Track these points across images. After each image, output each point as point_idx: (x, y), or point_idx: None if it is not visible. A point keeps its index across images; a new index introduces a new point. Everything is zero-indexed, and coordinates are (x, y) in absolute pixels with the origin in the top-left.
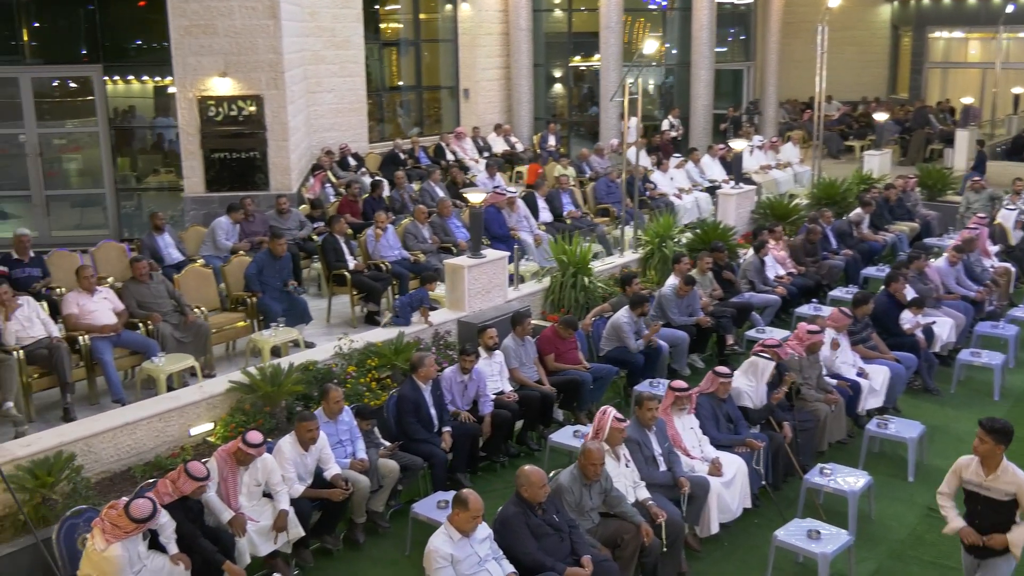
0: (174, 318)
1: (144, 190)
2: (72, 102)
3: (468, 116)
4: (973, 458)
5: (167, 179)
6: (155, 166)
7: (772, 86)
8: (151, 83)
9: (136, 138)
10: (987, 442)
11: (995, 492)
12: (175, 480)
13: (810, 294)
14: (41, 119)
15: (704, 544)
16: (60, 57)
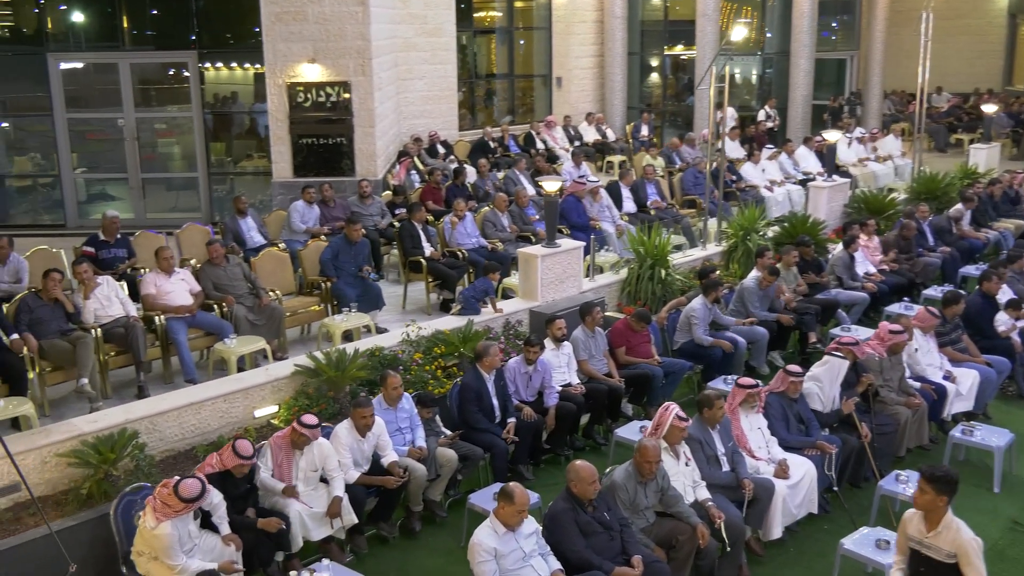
0: (249, 300)
1: (236, 175)
2: (168, 88)
3: (561, 105)
4: (918, 511)
5: (260, 164)
6: (249, 151)
7: (877, 76)
8: (252, 70)
9: (232, 124)
10: (927, 492)
11: (936, 551)
12: (222, 454)
13: (902, 292)
14: (139, 104)
15: (768, 549)
16: (158, 44)
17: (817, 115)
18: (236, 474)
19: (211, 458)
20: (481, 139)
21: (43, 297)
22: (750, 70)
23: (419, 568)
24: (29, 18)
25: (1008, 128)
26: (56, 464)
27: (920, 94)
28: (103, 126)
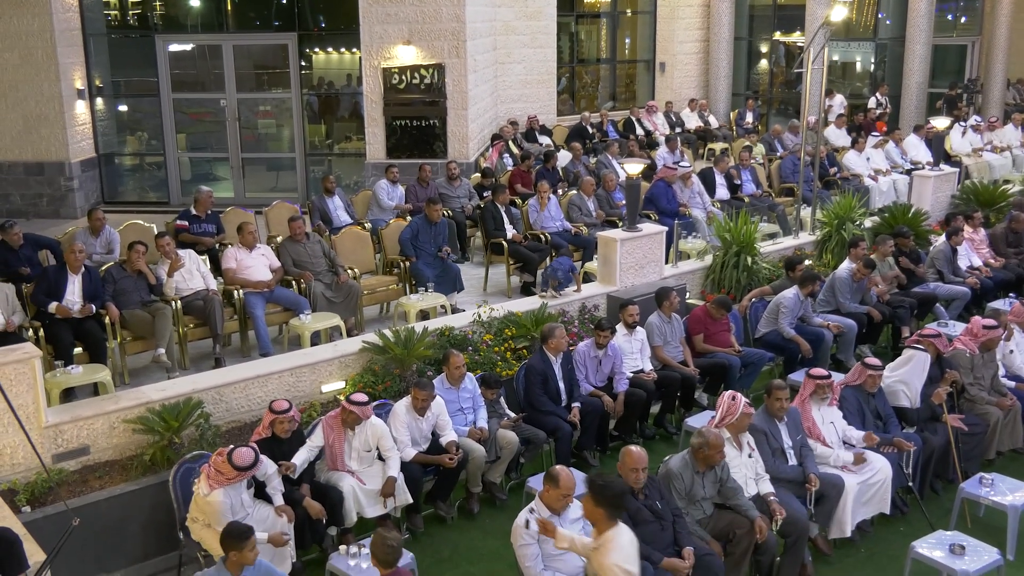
0: (327, 278)
1: (334, 155)
2: (270, 71)
3: (663, 90)
4: None
5: (359, 146)
6: (348, 133)
7: (1000, 63)
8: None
9: (333, 106)
10: (587, 500)
11: (589, 566)
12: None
13: (1009, 288)
14: (240, 87)
15: (837, 548)
16: (259, 27)
17: (933, 103)
18: (280, 434)
19: (257, 430)
20: (579, 124)
21: (127, 268)
22: (863, 56)
23: (473, 549)
24: (139, 2)
25: None
26: (123, 430)
27: None
28: (207, 107)
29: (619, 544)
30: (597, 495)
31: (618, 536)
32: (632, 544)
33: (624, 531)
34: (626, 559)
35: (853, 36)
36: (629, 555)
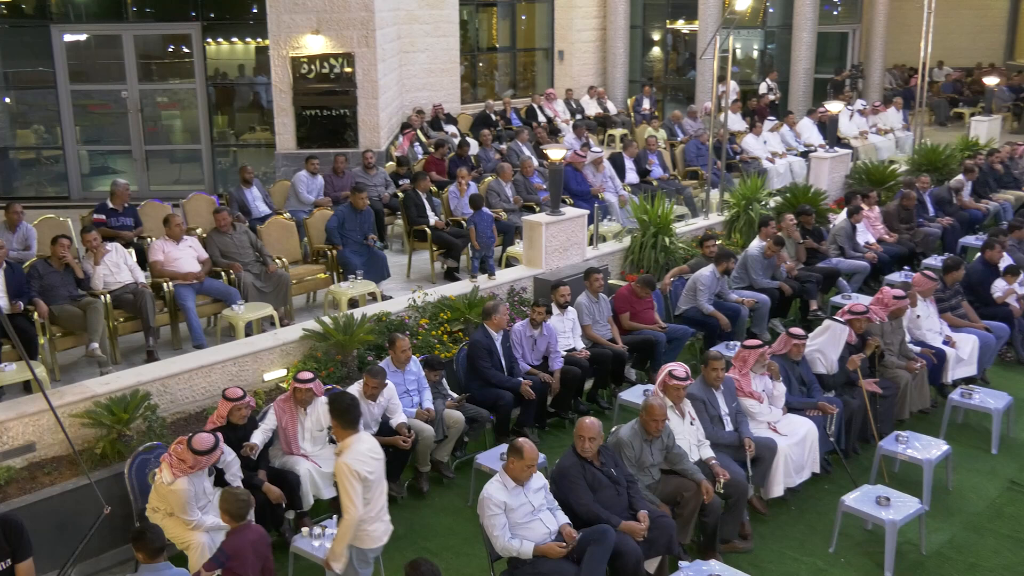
0: (256, 268)
1: (240, 147)
2: (172, 61)
3: (562, 78)
4: None
5: (263, 136)
6: (252, 124)
7: (879, 50)
8: (253, 43)
9: (235, 96)
10: (333, 423)
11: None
12: (218, 407)
13: (903, 262)
14: (142, 77)
15: (771, 507)
16: (161, 16)
17: (819, 88)
18: (236, 421)
19: (211, 418)
20: (483, 112)
21: (53, 263)
22: (752, 44)
23: (426, 527)
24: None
25: (1009, 101)
26: (70, 425)
27: (923, 68)
28: (106, 99)
29: (355, 448)
30: (331, 409)
31: (356, 442)
32: (371, 452)
33: (364, 439)
34: (356, 459)
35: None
36: (362, 458)
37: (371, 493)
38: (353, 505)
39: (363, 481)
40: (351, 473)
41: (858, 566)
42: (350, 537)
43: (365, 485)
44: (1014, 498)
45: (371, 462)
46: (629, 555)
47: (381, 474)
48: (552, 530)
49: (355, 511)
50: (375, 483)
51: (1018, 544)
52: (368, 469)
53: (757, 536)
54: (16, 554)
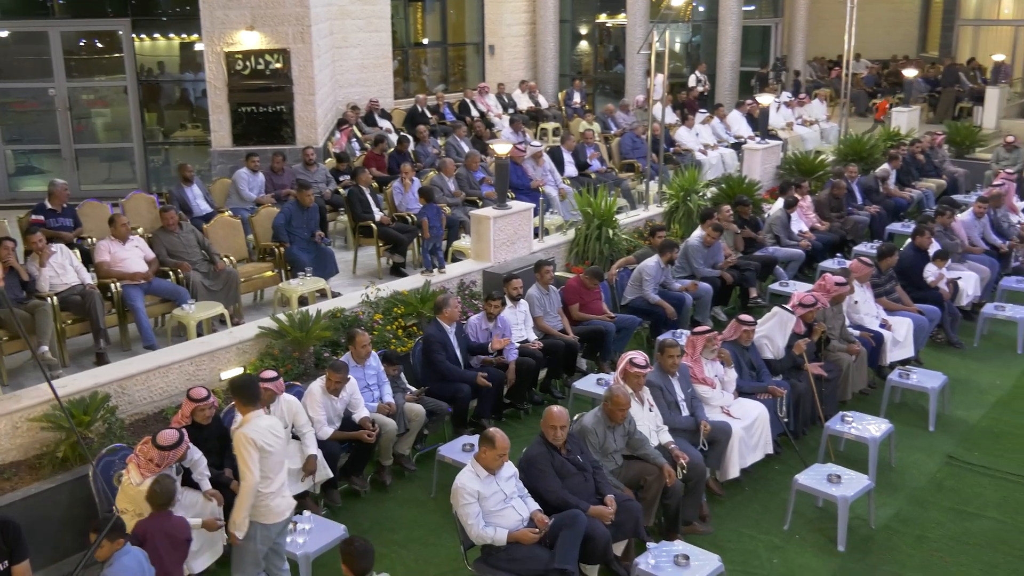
0: (204, 267)
1: (171, 144)
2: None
3: (493, 72)
4: None
5: (194, 134)
6: (182, 121)
7: (800, 43)
8: (184, 40)
9: (163, 94)
10: (236, 403)
11: None
12: (182, 407)
13: (835, 249)
14: (70, 74)
15: (726, 488)
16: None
17: (744, 81)
18: (200, 421)
19: (175, 418)
20: (414, 107)
21: None
22: (676, 37)
23: (391, 519)
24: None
25: (925, 92)
26: (28, 429)
27: (846, 60)
28: (32, 96)
29: (254, 423)
30: (231, 387)
31: (256, 417)
32: (270, 428)
33: (264, 416)
34: (253, 430)
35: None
36: (259, 430)
37: (269, 468)
38: (249, 471)
39: (260, 450)
40: (248, 441)
41: (812, 542)
42: (248, 505)
43: (263, 455)
44: (953, 472)
45: (269, 436)
46: (599, 538)
47: (281, 451)
48: (524, 517)
49: (252, 477)
50: (274, 458)
51: (960, 516)
52: (266, 441)
53: (715, 517)
54: (13, 555)
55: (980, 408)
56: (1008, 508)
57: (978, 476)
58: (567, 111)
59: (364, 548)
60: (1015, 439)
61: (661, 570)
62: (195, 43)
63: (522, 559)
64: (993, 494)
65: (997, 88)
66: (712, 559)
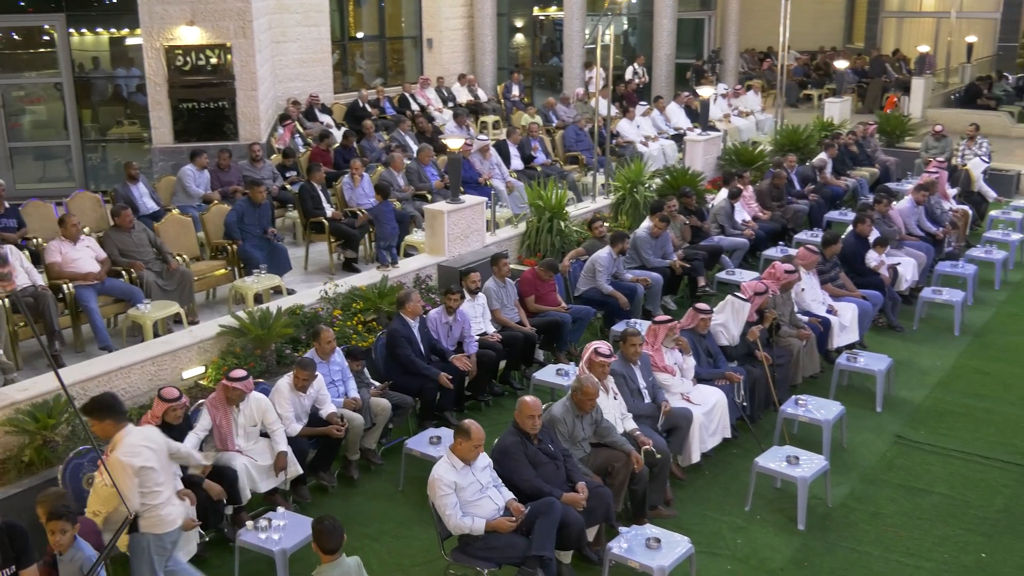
0: (156, 266)
1: (107, 142)
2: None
3: (432, 66)
4: None
5: (130, 131)
6: (118, 118)
7: (733, 35)
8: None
9: (97, 90)
10: (95, 426)
11: None
12: (153, 408)
13: (776, 237)
14: (3, 70)
15: (687, 473)
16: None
17: (680, 73)
18: (171, 421)
19: (145, 416)
20: (355, 101)
21: None
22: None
23: (361, 513)
24: None
25: (854, 83)
26: None
27: (782, 52)
28: None
29: (125, 442)
30: (92, 409)
31: (126, 435)
32: (144, 441)
33: (133, 431)
34: (128, 453)
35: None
36: (134, 450)
37: (155, 482)
38: (128, 500)
39: (140, 472)
40: (125, 467)
41: (773, 521)
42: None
43: (145, 475)
44: (902, 451)
45: (145, 452)
46: (573, 525)
47: (163, 460)
48: (500, 506)
49: (131, 505)
50: (159, 470)
51: (911, 492)
52: (143, 459)
53: (678, 501)
54: (20, 560)
55: (923, 389)
56: (955, 483)
57: (925, 454)
58: (506, 104)
59: (333, 526)
60: (957, 417)
61: (634, 554)
62: (127, 38)
63: (500, 547)
64: (941, 470)
65: (922, 79)
66: (683, 541)
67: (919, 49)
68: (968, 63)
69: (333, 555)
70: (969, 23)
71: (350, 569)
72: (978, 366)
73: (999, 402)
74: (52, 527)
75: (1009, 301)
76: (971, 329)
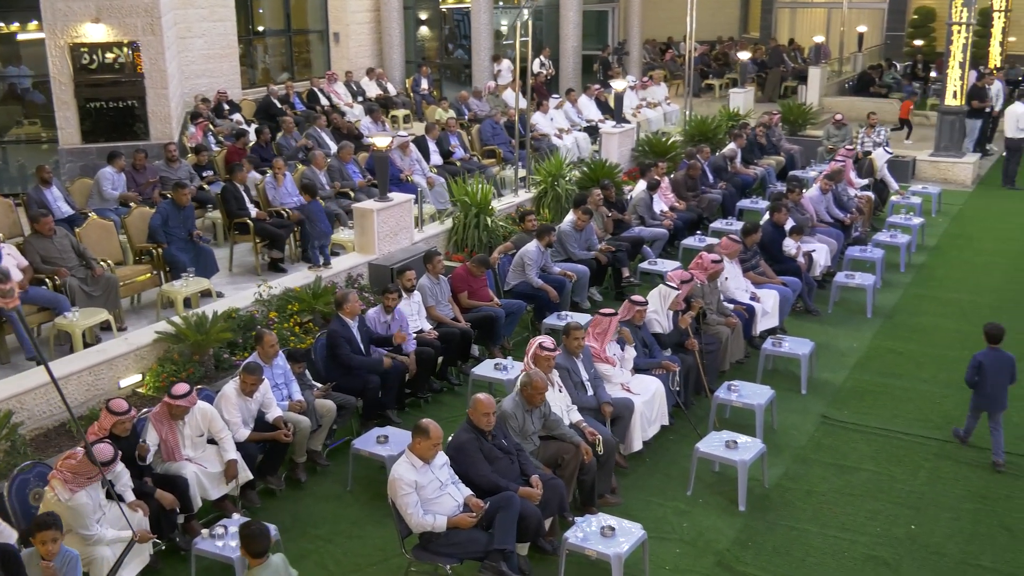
0: (80, 272)
1: (6, 143)
2: None
3: (339, 60)
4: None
5: (30, 131)
6: (16, 118)
7: (636, 27)
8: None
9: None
10: None
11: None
12: (100, 420)
13: (693, 227)
14: None
15: (630, 461)
16: None
17: (586, 65)
18: (119, 433)
19: (92, 428)
20: (266, 98)
21: None
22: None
23: (312, 515)
24: None
25: (753, 73)
26: None
27: (690, 41)
28: None
29: None
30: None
31: None
32: None
33: None
34: None
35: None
36: None
37: None
38: None
39: None
40: None
41: (715, 504)
42: None
43: None
44: (829, 431)
45: None
46: (531, 517)
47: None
48: (460, 503)
49: None
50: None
51: (840, 470)
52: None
53: (622, 488)
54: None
55: (843, 370)
56: (881, 460)
57: (851, 432)
58: (415, 98)
59: (260, 530)
60: (876, 396)
61: (590, 542)
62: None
63: (462, 543)
64: (866, 448)
65: (818, 68)
66: (635, 528)
67: (814, 39)
68: (860, 52)
69: (261, 558)
70: (859, 13)
71: (279, 568)
72: (892, 346)
73: (913, 380)
74: (43, 537)
75: (915, 283)
76: (882, 311)
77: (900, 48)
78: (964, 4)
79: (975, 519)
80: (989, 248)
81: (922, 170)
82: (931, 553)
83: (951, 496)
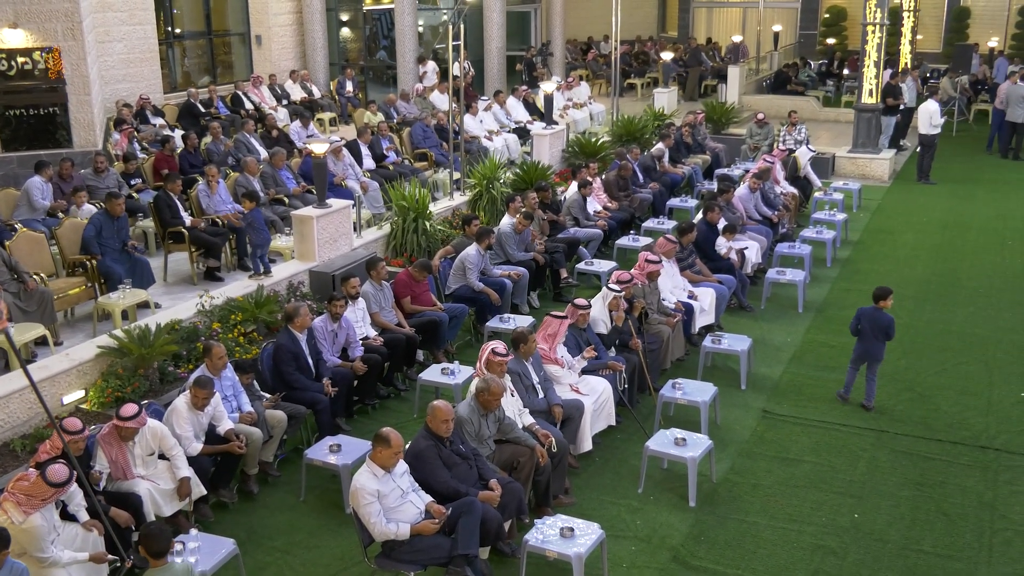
0: (13, 287)
1: None
2: None
3: (262, 63)
4: None
5: None
6: None
7: (559, 27)
8: None
9: None
10: None
11: None
12: (52, 439)
13: (626, 227)
14: None
15: (580, 461)
16: None
17: (510, 66)
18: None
19: (43, 447)
20: (188, 102)
21: None
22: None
23: (267, 527)
24: None
25: (674, 73)
26: None
27: (615, 41)
28: None
29: None
30: None
31: None
32: None
33: None
34: None
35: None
36: None
37: None
38: None
39: None
40: None
41: (665, 501)
42: None
43: None
44: (770, 425)
45: None
46: (492, 521)
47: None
48: (421, 510)
49: None
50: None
51: (784, 462)
52: None
53: (575, 488)
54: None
55: (779, 365)
56: (821, 451)
57: (791, 426)
58: (341, 100)
59: (160, 530)
60: (813, 389)
61: (550, 543)
62: None
63: (425, 549)
64: (807, 440)
65: (737, 67)
66: (593, 527)
67: (733, 39)
68: (775, 51)
69: (161, 559)
70: (774, 12)
71: (178, 574)
72: (824, 340)
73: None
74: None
75: (841, 277)
76: (812, 305)
77: (813, 46)
78: (878, 4)
79: (914, 505)
80: (910, 241)
81: (841, 166)
82: (875, 540)
83: (889, 484)
